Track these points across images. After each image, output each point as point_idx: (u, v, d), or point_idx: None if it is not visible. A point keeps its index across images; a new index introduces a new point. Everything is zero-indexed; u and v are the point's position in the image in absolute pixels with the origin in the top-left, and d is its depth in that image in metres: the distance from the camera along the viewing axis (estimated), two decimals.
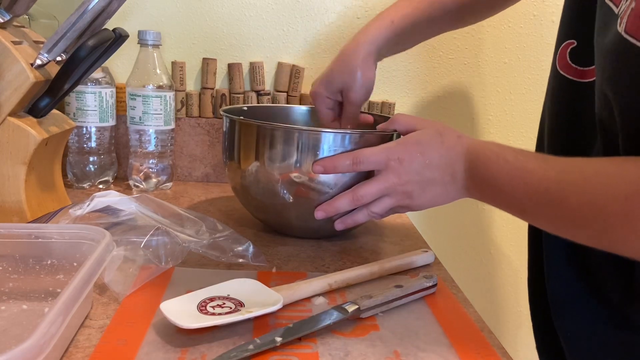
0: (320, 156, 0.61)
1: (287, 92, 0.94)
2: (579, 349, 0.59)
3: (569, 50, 0.60)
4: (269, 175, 0.63)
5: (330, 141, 0.61)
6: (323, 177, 0.61)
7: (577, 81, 0.59)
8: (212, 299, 0.47)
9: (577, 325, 0.59)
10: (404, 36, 0.71)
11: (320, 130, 0.61)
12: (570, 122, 0.61)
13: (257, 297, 0.48)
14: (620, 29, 0.44)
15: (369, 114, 0.79)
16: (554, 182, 0.45)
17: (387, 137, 0.62)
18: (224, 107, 0.74)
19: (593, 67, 0.56)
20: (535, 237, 0.67)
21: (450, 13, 0.72)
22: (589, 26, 0.56)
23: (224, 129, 0.69)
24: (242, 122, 0.65)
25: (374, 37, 0.69)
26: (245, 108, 0.78)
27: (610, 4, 0.48)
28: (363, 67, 0.69)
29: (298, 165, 0.61)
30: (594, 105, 0.53)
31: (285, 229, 0.70)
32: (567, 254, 0.60)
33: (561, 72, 0.60)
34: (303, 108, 0.83)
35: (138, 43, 0.81)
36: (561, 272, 0.61)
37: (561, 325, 0.61)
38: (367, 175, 0.61)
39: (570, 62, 0.59)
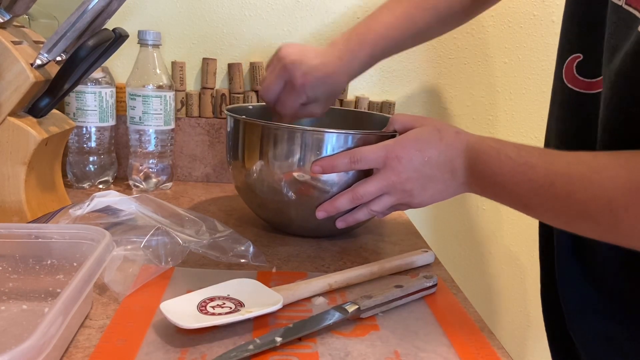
0: (323, 156, 0.61)
1: None
2: (597, 355, 0.59)
3: (575, 63, 0.59)
4: (273, 174, 0.63)
5: (333, 141, 0.61)
6: (325, 176, 0.61)
7: (585, 93, 0.59)
8: (212, 299, 0.47)
9: (593, 331, 0.58)
10: (384, 56, 0.71)
11: (324, 130, 0.61)
12: (579, 132, 0.60)
13: (257, 297, 0.48)
14: None
15: (370, 112, 0.79)
16: (559, 175, 0.45)
17: (389, 137, 0.62)
18: (229, 106, 0.74)
19: (600, 78, 0.56)
20: (547, 246, 0.66)
21: (432, 27, 0.71)
22: (593, 38, 0.55)
23: (228, 129, 0.69)
24: (246, 121, 0.66)
25: (355, 67, 0.68)
26: (251, 107, 0.79)
27: (630, 9, 0.47)
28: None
29: (301, 164, 0.62)
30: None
31: (287, 228, 0.70)
32: (578, 261, 0.60)
33: (569, 85, 0.60)
34: None
35: (138, 43, 0.81)
36: (573, 279, 0.60)
37: (577, 332, 0.60)
38: (368, 174, 0.61)
39: (577, 75, 0.59)
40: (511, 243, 1.06)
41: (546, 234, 0.67)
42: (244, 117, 0.66)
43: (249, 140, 0.65)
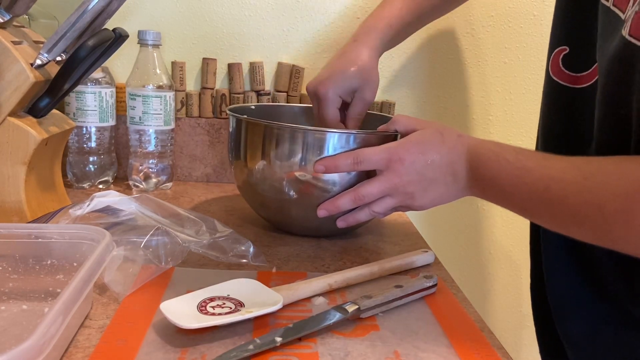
0: (324, 156, 0.61)
1: (287, 92, 0.94)
2: (583, 351, 0.59)
3: (561, 56, 0.60)
4: (275, 173, 0.63)
5: (335, 141, 0.61)
6: (327, 176, 0.62)
7: (570, 87, 0.59)
8: (212, 299, 0.47)
9: (579, 327, 0.59)
10: (399, 36, 0.74)
11: (326, 130, 0.62)
12: (563, 127, 0.61)
13: (257, 297, 0.48)
14: (625, 32, 0.44)
15: (370, 112, 0.79)
16: (554, 180, 0.45)
17: (391, 137, 0.62)
18: (231, 106, 0.74)
19: (586, 72, 0.57)
20: (536, 242, 0.67)
21: (436, 6, 0.75)
22: (581, 32, 0.56)
23: (230, 129, 0.70)
24: (249, 121, 0.66)
25: (376, 40, 0.70)
26: (253, 107, 0.79)
27: (616, 10, 0.48)
28: (375, 67, 0.70)
29: (303, 163, 0.62)
30: (588, 110, 0.53)
31: (289, 227, 0.70)
32: (567, 255, 0.60)
33: (554, 78, 0.61)
34: (310, 107, 0.84)
35: (138, 43, 0.81)
36: (561, 274, 0.61)
37: (563, 328, 0.61)
38: (370, 174, 0.61)
39: (562, 68, 0.60)
40: (511, 243, 1.06)
41: (535, 226, 0.68)
42: (245, 116, 0.67)
43: (251, 140, 0.65)
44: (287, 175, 0.63)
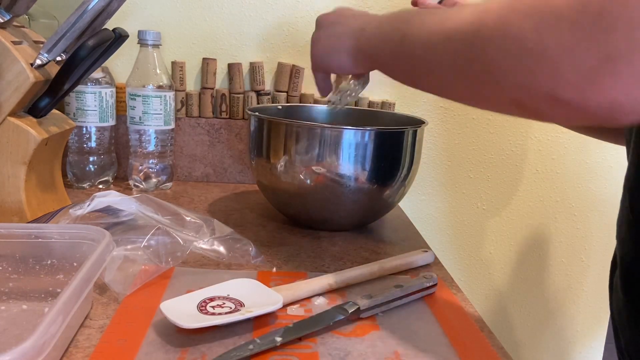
0: (340, 151, 0.65)
1: (287, 92, 0.94)
2: None
3: None
4: (295, 167, 0.67)
5: (350, 137, 0.66)
6: (341, 170, 0.66)
7: None
8: (212, 299, 0.47)
9: None
10: None
11: (341, 127, 0.66)
12: None
13: (257, 297, 0.48)
14: None
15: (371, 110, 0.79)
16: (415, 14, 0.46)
17: (403, 134, 0.67)
18: (251, 107, 0.78)
19: None
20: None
21: None
22: None
23: (252, 128, 0.73)
24: (272, 120, 0.70)
25: None
26: (280, 107, 0.83)
27: None
28: None
29: (320, 159, 0.66)
30: None
31: (306, 220, 0.73)
32: None
33: None
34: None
35: (138, 43, 0.81)
36: None
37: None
38: (377, 161, 0.66)
39: None
40: (511, 243, 1.06)
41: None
42: (256, 113, 0.71)
43: (274, 138, 0.69)
44: (306, 169, 0.66)
